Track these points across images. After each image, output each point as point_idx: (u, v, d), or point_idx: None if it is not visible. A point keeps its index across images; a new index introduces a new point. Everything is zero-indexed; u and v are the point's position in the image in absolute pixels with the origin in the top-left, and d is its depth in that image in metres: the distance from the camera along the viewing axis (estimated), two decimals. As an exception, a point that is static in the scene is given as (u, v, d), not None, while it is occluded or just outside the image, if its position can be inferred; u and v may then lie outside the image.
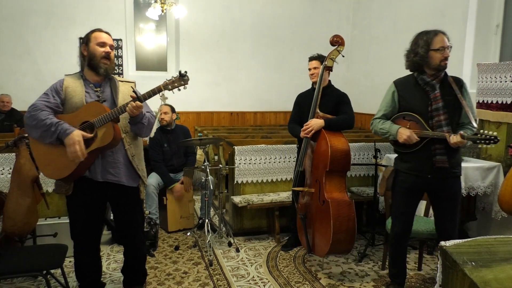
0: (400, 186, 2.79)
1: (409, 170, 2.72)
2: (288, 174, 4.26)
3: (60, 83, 2.49)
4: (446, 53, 2.59)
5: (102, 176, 2.48)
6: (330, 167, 3.09)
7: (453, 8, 5.04)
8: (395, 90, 2.77)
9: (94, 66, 2.48)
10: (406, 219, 2.81)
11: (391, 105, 2.79)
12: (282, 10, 7.28)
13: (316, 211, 3.20)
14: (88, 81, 2.52)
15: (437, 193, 2.73)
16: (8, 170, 3.38)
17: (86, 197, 2.50)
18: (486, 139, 2.44)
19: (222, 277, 3.25)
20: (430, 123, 2.62)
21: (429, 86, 2.63)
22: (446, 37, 2.62)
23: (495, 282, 1.21)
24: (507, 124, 3.75)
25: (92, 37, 2.48)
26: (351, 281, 3.21)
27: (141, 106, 2.39)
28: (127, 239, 2.76)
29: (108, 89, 2.55)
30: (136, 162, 2.59)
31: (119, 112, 2.37)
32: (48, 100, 2.41)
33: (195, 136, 5.94)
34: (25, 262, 2.40)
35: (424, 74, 2.65)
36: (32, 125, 2.35)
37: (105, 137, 2.34)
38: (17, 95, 6.09)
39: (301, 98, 3.74)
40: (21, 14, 6.15)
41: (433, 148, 2.61)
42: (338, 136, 3.22)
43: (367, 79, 6.90)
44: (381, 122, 2.79)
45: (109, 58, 2.48)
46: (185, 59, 6.98)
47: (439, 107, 2.59)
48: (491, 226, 3.84)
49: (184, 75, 2.42)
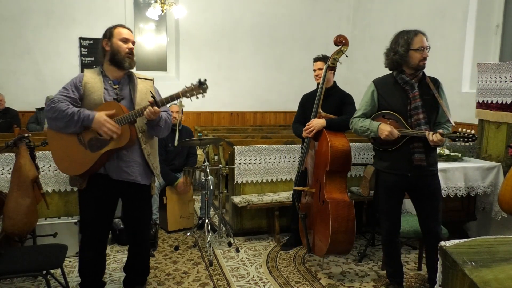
0: (382, 186, 2.83)
1: (389, 169, 2.76)
2: (288, 174, 4.25)
3: (80, 78, 2.51)
4: (425, 53, 2.62)
5: (117, 175, 2.51)
6: (330, 167, 3.09)
7: (453, 8, 5.04)
8: (374, 89, 2.80)
9: (117, 62, 2.50)
10: (393, 217, 2.86)
11: (370, 104, 2.82)
12: (282, 9, 7.28)
13: (316, 211, 3.20)
14: (108, 78, 2.54)
15: (417, 191, 2.78)
16: (8, 170, 3.37)
17: (99, 192, 2.53)
18: (464, 136, 2.51)
19: (222, 277, 3.25)
20: (409, 122, 2.66)
21: (408, 85, 2.67)
22: (426, 37, 2.66)
23: (495, 282, 1.21)
24: (507, 124, 3.75)
25: (115, 33, 2.51)
26: (351, 281, 3.21)
27: (158, 111, 2.40)
28: (136, 237, 2.77)
29: (127, 87, 2.57)
30: (151, 161, 2.61)
31: (137, 115, 2.40)
32: (67, 94, 2.44)
33: (195, 136, 5.94)
34: (25, 262, 2.40)
35: (403, 73, 2.69)
36: (54, 117, 2.38)
37: (122, 138, 2.37)
38: (17, 95, 6.10)
39: (305, 99, 3.76)
40: (21, 13, 6.15)
41: (412, 146, 2.65)
42: (339, 136, 3.22)
43: (367, 79, 6.86)
44: (361, 120, 2.83)
45: (132, 54, 2.53)
46: (185, 59, 6.99)
47: (418, 106, 2.63)
48: (491, 226, 3.84)
49: (203, 83, 2.41)
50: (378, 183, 2.86)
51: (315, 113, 3.34)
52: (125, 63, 2.50)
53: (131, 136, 2.39)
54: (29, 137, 2.97)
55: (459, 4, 4.94)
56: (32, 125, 5.77)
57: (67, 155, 2.44)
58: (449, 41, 5.13)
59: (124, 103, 2.49)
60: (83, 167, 2.41)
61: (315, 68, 3.60)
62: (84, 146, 2.41)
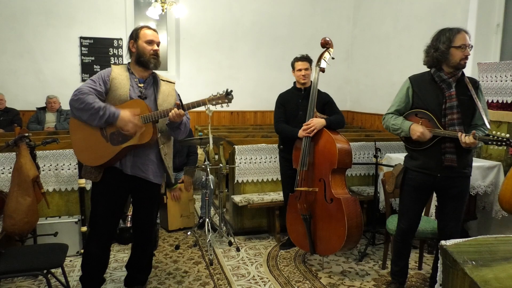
0: (408, 184, 2.78)
1: (419, 168, 2.70)
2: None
3: (108, 72, 2.56)
4: (467, 52, 2.54)
5: (132, 170, 2.56)
6: (338, 165, 3.14)
7: (454, 7, 5.03)
8: (409, 86, 2.73)
9: (143, 63, 2.57)
10: (413, 217, 2.81)
11: (404, 101, 2.75)
12: (283, 9, 7.28)
13: (322, 210, 3.20)
14: (134, 75, 2.60)
15: (444, 192, 2.72)
16: (8, 170, 3.38)
17: (112, 186, 2.57)
18: (498, 140, 2.42)
19: (223, 276, 3.25)
20: (442, 121, 2.59)
21: (445, 84, 2.60)
22: (468, 35, 2.58)
23: (496, 281, 1.21)
24: (507, 123, 3.75)
25: (141, 35, 2.57)
26: (351, 280, 3.21)
27: (183, 114, 2.47)
28: (141, 234, 2.81)
29: (151, 87, 2.63)
30: (167, 161, 2.68)
31: (162, 115, 2.46)
32: (94, 87, 2.47)
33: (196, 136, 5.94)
34: (25, 261, 2.40)
35: (442, 71, 2.61)
36: (80, 108, 2.40)
37: (144, 136, 2.43)
38: (18, 94, 6.10)
39: (284, 98, 3.69)
40: (21, 13, 6.15)
41: (443, 146, 2.59)
42: (340, 135, 3.29)
43: (367, 78, 6.90)
44: (393, 118, 2.76)
45: (157, 55, 2.58)
46: (185, 58, 6.98)
47: (453, 106, 2.56)
48: (492, 225, 3.84)
49: (229, 93, 2.53)
50: (404, 181, 2.81)
51: (311, 113, 3.32)
52: (151, 64, 2.57)
53: (153, 134, 2.46)
54: (29, 136, 2.98)
55: (460, 3, 4.93)
56: (33, 125, 5.77)
57: (88, 146, 2.49)
58: (449, 40, 5.11)
59: (146, 102, 2.55)
60: (102, 159, 2.47)
61: (302, 68, 3.52)
62: (105, 139, 2.47)
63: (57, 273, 2.96)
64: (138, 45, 2.56)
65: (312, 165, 3.31)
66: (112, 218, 2.68)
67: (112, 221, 2.69)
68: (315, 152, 3.31)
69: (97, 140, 2.47)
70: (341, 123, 3.40)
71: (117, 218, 2.74)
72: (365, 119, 6.94)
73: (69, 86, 5.63)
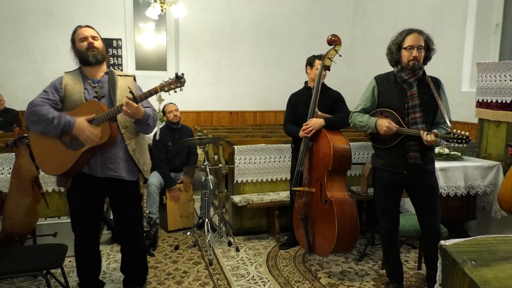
0: (379, 183, 2.85)
1: (385, 166, 2.78)
2: (288, 174, 4.24)
3: (59, 80, 2.54)
4: (414, 53, 2.58)
5: (102, 172, 2.51)
6: (332, 167, 3.10)
7: (453, 7, 5.04)
8: (375, 85, 2.82)
9: (84, 60, 2.53)
10: (392, 214, 2.86)
11: (370, 100, 2.84)
12: (282, 9, 7.28)
13: (317, 210, 3.20)
14: (87, 77, 2.57)
15: (414, 188, 2.79)
16: (8, 170, 3.37)
17: (84, 192, 2.55)
18: (458, 138, 2.50)
19: (222, 276, 3.25)
20: (406, 120, 2.67)
21: (407, 84, 2.68)
22: (423, 36, 2.62)
23: (495, 281, 1.21)
24: (507, 123, 3.75)
25: (75, 37, 2.55)
26: (351, 280, 3.21)
27: (131, 104, 2.37)
28: (126, 234, 2.78)
29: (106, 85, 2.59)
30: (137, 156, 2.61)
31: (116, 112, 2.41)
32: (47, 97, 2.45)
33: (195, 136, 5.94)
34: (25, 262, 2.40)
35: (404, 71, 2.69)
36: (34, 121, 2.39)
37: (102, 136, 2.38)
38: (17, 95, 6.10)
39: (295, 98, 3.71)
40: (20, 13, 6.15)
41: (407, 144, 2.66)
42: (339, 135, 3.24)
43: (367, 78, 6.86)
44: (360, 115, 2.84)
45: (92, 47, 2.52)
46: (184, 58, 6.99)
47: (416, 105, 2.64)
48: (491, 225, 3.84)
49: (180, 77, 2.43)
50: (375, 180, 2.88)
51: (312, 113, 3.32)
52: (89, 57, 2.51)
53: (112, 133, 2.40)
54: (28, 137, 2.97)
55: (459, 3, 4.94)
56: (32, 125, 5.77)
57: (49, 155, 2.46)
58: (448, 40, 5.13)
59: (104, 101, 2.52)
60: (65, 166, 2.42)
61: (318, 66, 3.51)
62: (65, 145, 2.43)
63: (56, 274, 2.96)
64: (76, 47, 2.53)
65: (311, 165, 3.32)
66: (90, 221, 2.65)
67: (91, 223, 2.66)
68: (314, 152, 3.31)
69: (57, 148, 2.43)
70: (344, 121, 3.34)
71: (96, 220, 2.71)
72: (364, 119, 6.93)
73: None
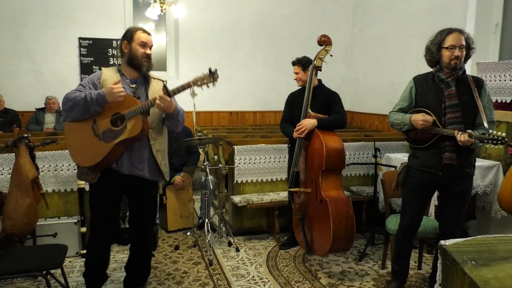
0: (410, 182, 2.80)
1: (420, 166, 2.73)
2: (288, 174, 4.25)
3: (98, 75, 2.58)
4: (456, 52, 2.55)
5: (128, 170, 2.56)
6: (326, 167, 3.10)
7: (453, 7, 5.03)
8: (413, 86, 2.80)
9: (135, 65, 2.57)
10: (415, 215, 2.82)
11: (408, 100, 2.81)
12: (282, 9, 7.28)
13: (314, 210, 3.20)
14: (125, 76, 2.60)
15: (446, 190, 2.74)
16: (7, 171, 3.37)
17: (108, 187, 2.58)
18: (493, 139, 2.42)
19: (222, 276, 3.25)
20: (442, 120, 2.62)
21: (444, 83, 2.63)
22: (464, 35, 2.59)
23: (495, 281, 1.21)
24: (506, 123, 3.75)
25: (135, 37, 2.55)
26: (351, 280, 3.21)
27: (165, 97, 2.41)
28: (140, 233, 2.81)
29: (143, 86, 2.63)
30: (159, 158, 2.66)
31: (149, 105, 2.44)
32: (83, 90, 2.48)
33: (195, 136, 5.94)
34: (25, 262, 2.40)
35: (442, 71, 2.65)
36: (70, 107, 2.44)
37: (134, 128, 2.41)
38: (17, 95, 6.10)
39: (292, 98, 3.73)
40: (20, 14, 6.14)
41: (443, 144, 2.61)
42: (332, 135, 3.22)
43: (366, 78, 6.90)
44: (396, 114, 2.82)
45: (149, 58, 2.57)
46: (184, 59, 6.98)
47: (453, 105, 2.59)
48: (491, 225, 3.84)
49: (214, 72, 2.44)
50: (406, 178, 2.84)
51: (305, 113, 3.31)
52: (143, 67, 2.57)
53: (144, 127, 2.43)
54: (28, 137, 2.97)
55: (458, 3, 4.93)
56: (32, 125, 5.77)
57: (83, 147, 2.51)
58: (448, 40, 5.11)
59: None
60: (97, 158, 2.47)
61: (294, 72, 3.58)
62: (98, 138, 2.48)
63: (56, 274, 2.96)
64: (132, 47, 2.54)
65: (306, 166, 3.32)
66: (112, 219, 2.72)
67: (111, 222, 2.71)
68: (308, 153, 3.30)
69: (91, 140, 2.48)
70: (338, 123, 3.35)
71: (117, 219, 2.78)
72: (364, 119, 6.94)
73: (68, 86, 5.56)
